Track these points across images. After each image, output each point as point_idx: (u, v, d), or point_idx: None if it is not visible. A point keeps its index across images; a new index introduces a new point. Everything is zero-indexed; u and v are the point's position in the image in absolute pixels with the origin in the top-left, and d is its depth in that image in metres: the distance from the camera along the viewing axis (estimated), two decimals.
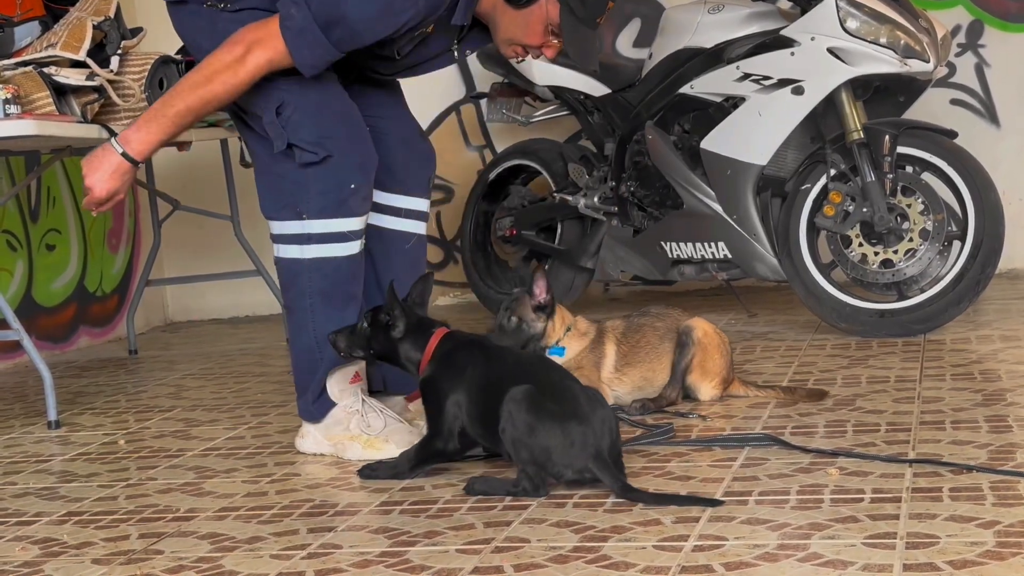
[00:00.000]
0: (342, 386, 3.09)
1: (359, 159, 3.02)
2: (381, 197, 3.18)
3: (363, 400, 3.10)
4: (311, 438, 3.12)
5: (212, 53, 2.93)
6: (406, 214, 3.25)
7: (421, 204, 3.28)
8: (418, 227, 3.28)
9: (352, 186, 3.00)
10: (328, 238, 3.02)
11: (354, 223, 3.05)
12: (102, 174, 2.94)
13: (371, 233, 3.17)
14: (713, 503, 2.40)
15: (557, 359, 3.27)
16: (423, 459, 2.77)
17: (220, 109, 3.02)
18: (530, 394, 2.54)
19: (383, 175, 3.16)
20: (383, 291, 3.09)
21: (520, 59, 3.10)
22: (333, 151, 2.97)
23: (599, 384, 3.30)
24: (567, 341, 3.32)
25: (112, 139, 2.97)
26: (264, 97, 2.98)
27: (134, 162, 2.94)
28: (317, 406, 3.09)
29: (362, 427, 3.05)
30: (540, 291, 3.28)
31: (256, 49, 2.89)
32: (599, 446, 2.51)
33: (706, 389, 3.35)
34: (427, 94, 5.88)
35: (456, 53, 3.11)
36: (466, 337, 2.82)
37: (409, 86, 3.35)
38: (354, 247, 3.06)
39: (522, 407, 2.53)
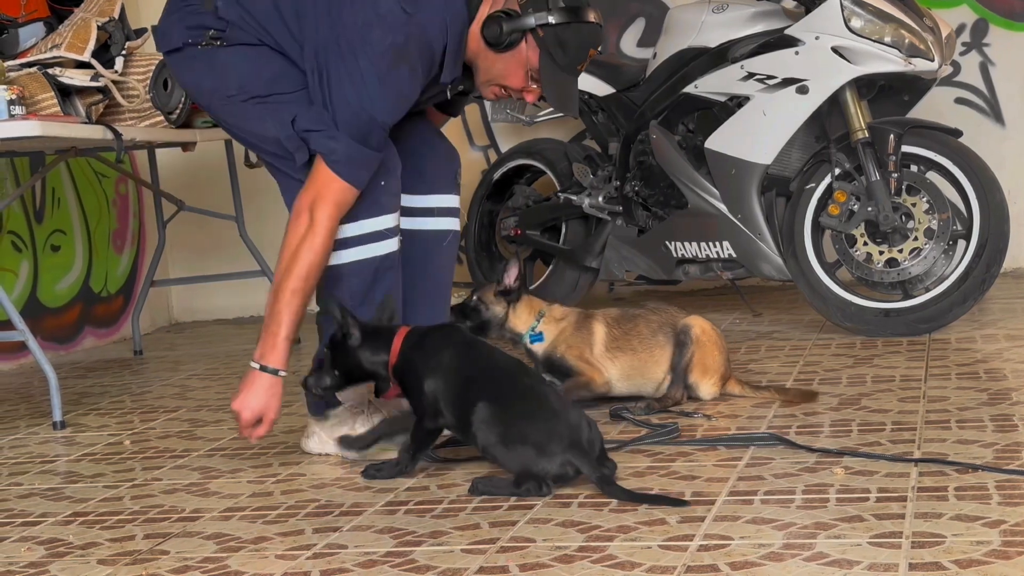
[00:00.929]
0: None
1: (384, 159, 3.01)
2: (412, 200, 3.16)
3: (368, 401, 3.10)
4: (316, 438, 3.13)
5: (285, 238, 2.91)
6: (439, 212, 3.24)
7: (452, 200, 3.27)
8: (452, 223, 3.27)
9: (382, 183, 3.00)
10: (364, 239, 3.02)
11: (389, 220, 3.04)
12: (247, 396, 2.91)
13: (407, 237, 3.16)
14: (681, 503, 2.41)
15: (538, 346, 3.34)
16: (419, 444, 2.79)
17: (319, 274, 2.94)
18: (491, 409, 2.59)
19: (409, 179, 3.14)
20: (426, 295, 3.17)
21: (502, 99, 3.11)
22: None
23: (592, 361, 3.32)
24: (543, 327, 3.37)
25: (250, 364, 2.94)
26: (274, 119, 2.98)
27: (276, 372, 2.91)
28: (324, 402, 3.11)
29: (366, 427, 3.06)
30: (509, 278, 3.35)
31: (319, 207, 2.88)
32: (575, 437, 2.54)
33: (706, 387, 3.35)
34: None
35: (449, 93, 3.13)
36: (431, 327, 2.87)
37: None
38: (392, 244, 3.05)
39: (490, 424, 2.59)
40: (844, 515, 2.26)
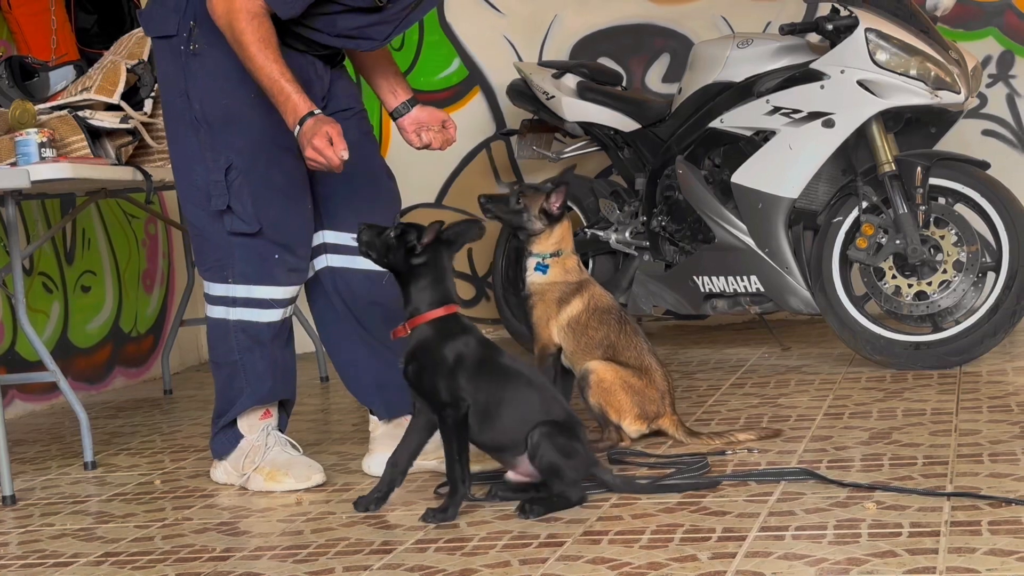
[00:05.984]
0: (252, 422, 3.26)
1: (286, 239, 3.11)
2: (350, 238, 3.19)
3: (268, 434, 3.25)
4: (222, 468, 3.32)
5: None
6: None
7: None
8: None
9: (276, 256, 3.10)
10: (251, 303, 3.14)
11: (278, 292, 3.16)
12: (310, 144, 2.90)
13: (348, 276, 3.24)
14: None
15: (538, 276, 3.40)
16: (459, 441, 2.76)
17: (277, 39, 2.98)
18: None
19: (351, 216, 3.19)
20: (371, 331, 3.22)
21: None
22: (265, 224, 3.07)
23: (550, 322, 3.39)
24: (551, 262, 3.41)
25: (294, 134, 2.97)
26: (215, 155, 3.06)
27: (311, 113, 2.91)
28: (228, 439, 3.27)
29: (265, 460, 3.22)
30: (556, 200, 3.37)
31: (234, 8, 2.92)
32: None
33: (627, 426, 3.34)
34: (458, 132, 5.89)
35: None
36: (466, 324, 2.86)
37: None
38: (275, 315, 3.18)
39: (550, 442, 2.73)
40: (877, 550, 2.25)
